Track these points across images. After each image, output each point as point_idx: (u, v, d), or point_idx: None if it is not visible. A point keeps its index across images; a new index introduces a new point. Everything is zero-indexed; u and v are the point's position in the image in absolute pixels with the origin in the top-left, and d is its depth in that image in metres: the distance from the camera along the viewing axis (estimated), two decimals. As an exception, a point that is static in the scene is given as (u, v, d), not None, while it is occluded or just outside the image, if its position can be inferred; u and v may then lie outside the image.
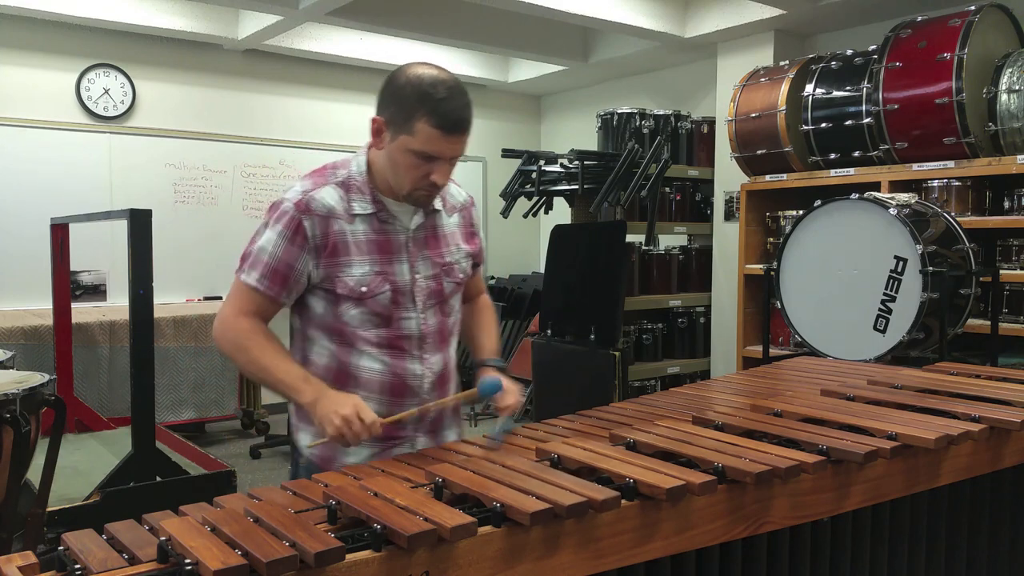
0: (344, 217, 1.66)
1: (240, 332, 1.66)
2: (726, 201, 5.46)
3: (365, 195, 1.69)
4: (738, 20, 5.18)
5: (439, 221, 1.79)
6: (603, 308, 4.34)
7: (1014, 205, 3.76)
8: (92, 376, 5.04)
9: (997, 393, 1.90)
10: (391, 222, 1.71)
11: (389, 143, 1.62)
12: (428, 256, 1.75)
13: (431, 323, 1.75)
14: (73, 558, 1.06)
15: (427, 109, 1.55)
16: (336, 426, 1.53)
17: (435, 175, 1.62)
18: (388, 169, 1.66)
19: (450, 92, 1.57)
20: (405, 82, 1.58)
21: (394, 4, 5.44)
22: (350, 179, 1.70)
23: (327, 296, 1.68)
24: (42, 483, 2.84)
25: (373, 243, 1.68)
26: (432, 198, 1.71)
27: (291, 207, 1.65)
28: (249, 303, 1.67)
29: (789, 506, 1.40)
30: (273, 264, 1.64)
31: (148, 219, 3.35)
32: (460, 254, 1.81)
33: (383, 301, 1.68)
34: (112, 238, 5.62)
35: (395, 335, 1.70)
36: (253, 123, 6.36)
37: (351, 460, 1.69)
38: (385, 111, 1.62)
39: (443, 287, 1.76)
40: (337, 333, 1.70)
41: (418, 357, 1.73)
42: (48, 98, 5.58)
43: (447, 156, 1.61)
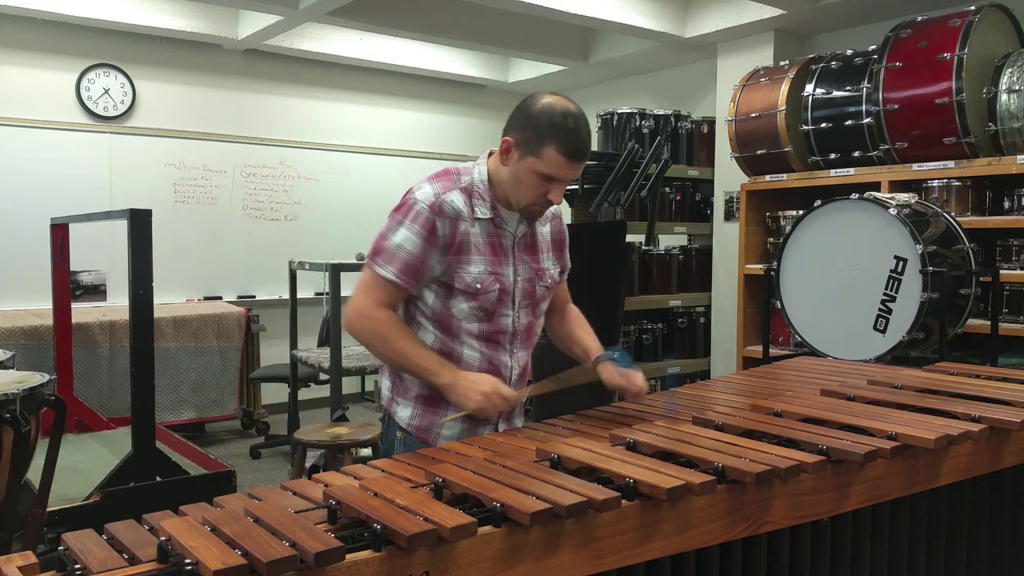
0: (468, 219, 1.84)
1: (380, 322, 1.83)
2: (726, 201, 5.46)
3: (485, 201, 1.87)
4: (738, 20, 5.18)
5: (537, 230, 1.97)
6: (603, 308, 4.34)
7: (1014, 205, 3.77)
8: (92, 376, 5.04)
9: (997, 393, 1.90)
10: (502, 228, 1.89)
11: (516, 162, 1.80)
12: (527, 261, 1.93)
13: (523, 321, 1.95)
14: (73, 558, 1.06)
15: (558, 138, 1.74)
16: (478, 401, 1.76)
17: (552, 195, 1.81)
18: (510, 184, 1.83)
19: (577, 123, 1.76)
20: (540, 111, 1.76)
21: (394, 4, 5.44)
22: (473, 186, 1.87)
23: (441, 289, 1.85)
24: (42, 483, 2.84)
25: (488, 245, 1.87)
26: (543, 213, 1.90)
27: (426, 208, 1.80)
28: (386, 295, 1.84)
29: (789, 506, 1.40)
30: (410, 260, 1.81)
31: (148, 219, 3.35)
32: (550, 261, 2.01)
33: (491, 298, 1.86)
34: (112, 238, 5.62)
35: (494, 329, 1.89)
36: (253, 123, 6.37)
37: (446, 433, 1.89)
38: (517, 133, 1.79)
39: (536, 290, 1.95)
40: (444, 322, 1.87)
41: (509, 351, 1.93)
42: (48, 98, 5.58)
43: (567, 180, 1.81)
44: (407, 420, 1.94)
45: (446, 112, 7.35)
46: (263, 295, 6.40)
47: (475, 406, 1.77)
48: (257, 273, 6.39)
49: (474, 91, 7.46)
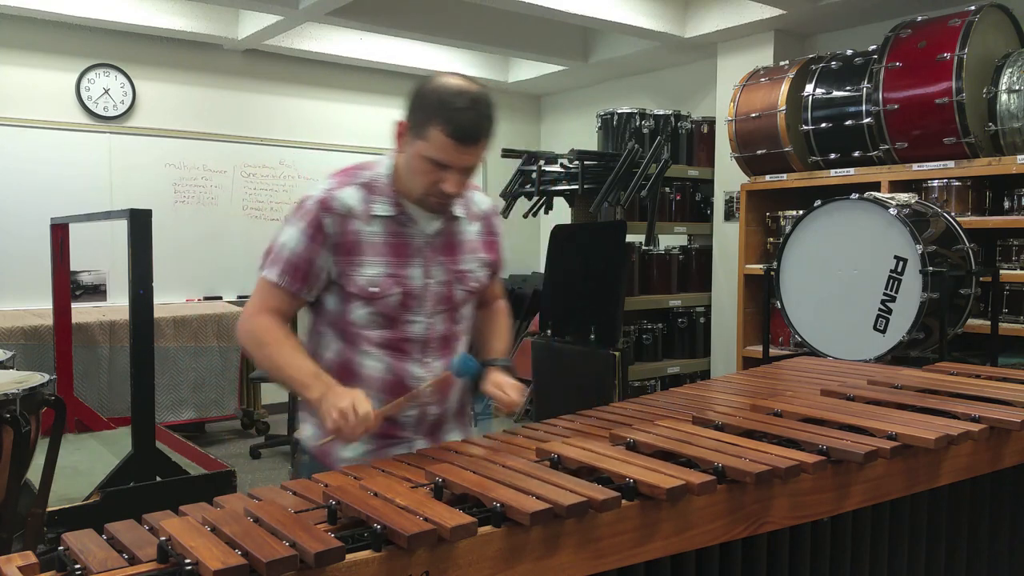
0: (362, 217, 1.69)
1: (258, 328, 1.70)
2: (726, 201, 5.46)
3: (387, 197, 1.72)
4: (738, 20, 5.18)
5: (458, 228, 1.81)
6: (603, 308, 4.34)
7: (1014, 205, 3.76)
8: (92, 376, 5.04)
9: (997, 393, 1.90)
10: (409, 226, 1.73)
11: (408, 147, 1.66)
12: (443, 262, 1.77)
13: (438, 328, 1.77)
14: (73, 558, 1.06)
15: (443, 117, 1.57)
16: (333, 419, 1.55)
17: (446, 184, 1.64)
18: (405, 172, 1.69)
19: (469, 103, 1.59)
20: (431, 89, 1.62)
21: (394, 4, 5.44)
22: (375, 180, 1.73)
23: (339, 294, 1.71)
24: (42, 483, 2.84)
25: (389, 245, 1.71)
26: (445, 206, 1.72)
27: (314, 205, 1.69)
28: (270, 299, 1.71)
29: (789, 506, 1.40)
30: (294, 260, 1.69)
31: (148, 219, 3.35)
32: (476, 263, 1.83)
33: (392, 303, 1.70)
34: (112, 238, 5.62)
35: (399, 337, 1.73)
36: (253, 123, 6.36)
37: (348, 455, 1.72)
38: (409, 115, 1.65)
39: (454, 294, 1.78)
40: (343, 330, 1.73)
41: (419, 360, 1.76)
42: (48, 98, 5.58)
43: (458, 166, 1.62)
44: (309, 441, 1.78)
45: (446, 112, 7.33)
46: (263, 295, 6.39)
47: (332, 427, 1.55)
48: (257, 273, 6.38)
49: (474, 91, 7.45)
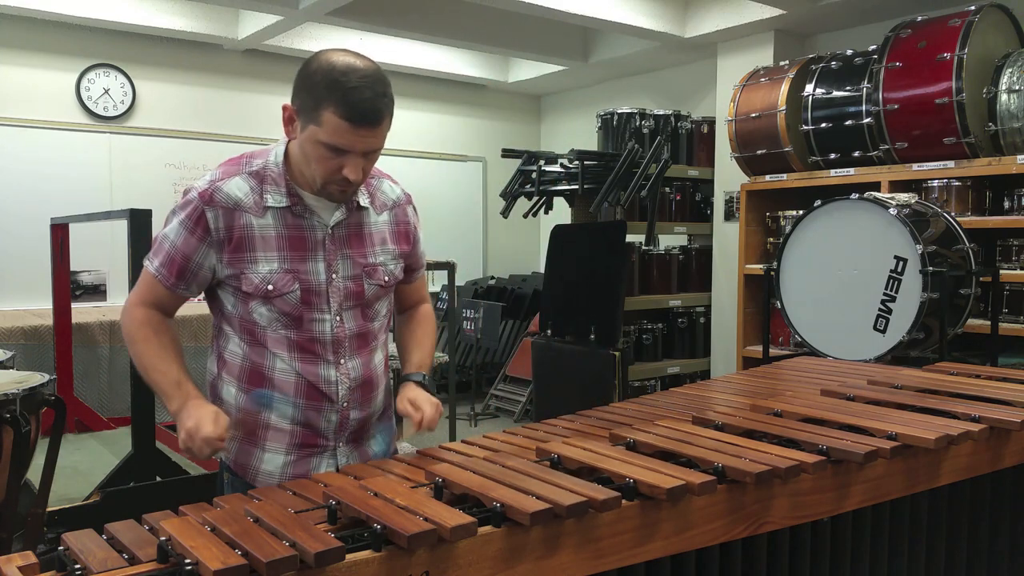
0: (252, 210, 1.56)
1: (133, 321, 1.60)
2: (726, 201, 5.46)
3: (280, 187, 1.58)
4: (738, 20, 5.18)
5: (365, 219, 1.67)
6: (603, 308, 4.34)
7: (1014, 205, 3.76)
8: (92, 376, 5.04)
9: (997, 393, 1.90)
10: (307, 217, 1.60)
11: (300, 133, 1.52)
12: (349, 255, 1.63)
13: (348, 327, 1.64)
14: (73, 558, 1.06)
15: (335, 99, 1.44)
16: (182, 439, 1.48)
17: (347, 169, 1.50)
18: (300, 160, 1.55)
19: (363, 81, 1.45)
20: (316, 68, 1.47)
21: (394, 4, 5.44)
22: (266, 169, 1.59)
23: (235, 293, 1.59)
24: (42, 483, 2.84)
25: (284, 239, 1.57)
26: (347, 194, 1.59)
27: (195, 197, 1.55)
28: (149, 291, 1.61)
29: (789, 506, 1.40)
30: (172, 254, 1.56)
31: (148, 219, 3.36)
32: (387, 255, 1.69)
33: (291, 300, 1.58)
34: (112, 238, 5.62)
35: (306, 338, 1.60)
36: (253, 123, 6.36)
37: (266, 468, 1.63)
38: (296, 98, 1.51)
39: (364, 289, 1.65)
40: (247, 332, 1.61)
41: (333, 362, 1.62)
42: (48, 98, 5.58)
43: (358, 150, 1.49)
44: (226, 456, 1.65)
45: (446, 112, 7.34)
46: (263, 295, 6.39)
47: (182, 446, 1.47)
48: None
49: (474, 91, 7.46)
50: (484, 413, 6.01)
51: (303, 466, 1.62)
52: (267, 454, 1.62)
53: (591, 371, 4.28)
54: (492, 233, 7.37)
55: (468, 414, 5.86)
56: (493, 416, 6.01)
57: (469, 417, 5.84)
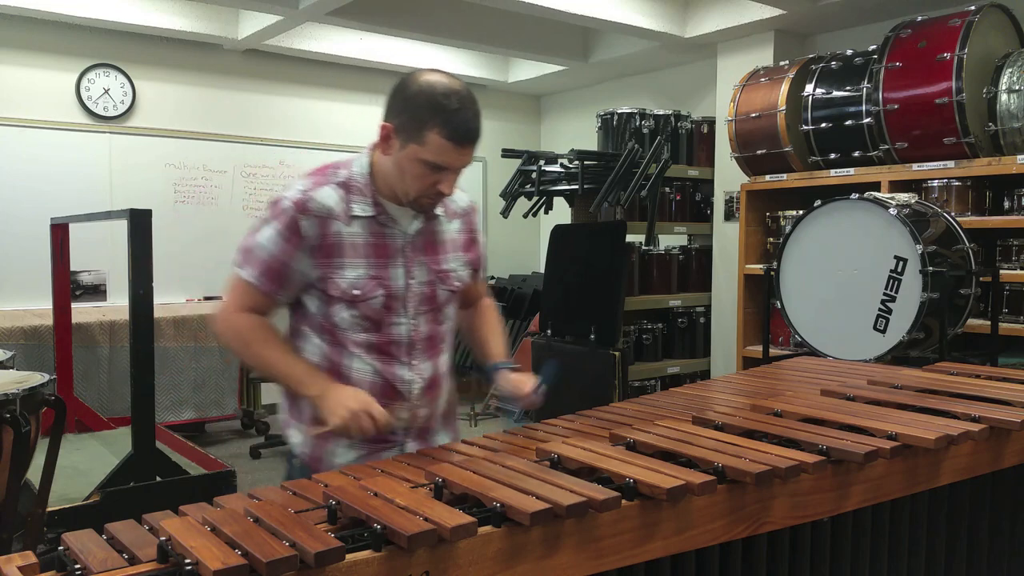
0: (342, 218, 1.65)
1: (242, 327, 1.68)
2: (726, 201, 5.46)
3: (366, 197, 1.68)
4: (738, 20, 5.18)
5: (438, 227, 1.77)
6: (603, 308, 4.34)
7: (1014, 205, 3.76)
8: (92, 376, 5.04)
9: (997, 393, 1.90)
10: (390, 226, 1.69)
11: (398, 151, 1.61)
12: (424, 262, 1.73)
13: (422, 330, 1.74)
14: (73, 558, 1.06)
15: (439, 120, 1.55)
16: (343, 417, 1.56)
17: (442, 185, 1.62)
18: (395, 175, 1.64)
19: (462, 103, 1.58)
20: (417, 90, 1.58)
21: (394, 4, 5.44)
22: (351, 180, 1.68)
23: (321, 296, 1.67)
24: (42, 483, 2.84)
25: (370, 246, 1.67)
26: (436, 206, 1.71)
27: (289, 206, 1.64)
28: (247, 298, 1.68)
29: (789, 506, 1.40)
30: (269, 262, 1.65)
31: (148, 219, 3.35)
32: (458, 262, 1.80)
33: (375, 305, 1.67)
34: (112, 238, 5.62)
35: (385, 340, 1.70)
36: (253, 123, 6.36)
37: (339, 461, 1.70)
38: (395, 118, 1.61)
39: (437, 294, 1.75)
40: (328, 333, 1.70)
41: (407, 363, 1.73)
42: (48, 98, 5.58)
43: (456, 167, 1.62)
44: (299, 446, 1.76)
45: (446, 112, 7.34)
46: (263, 295, 6.39)
47: (339, 422, 1.57)
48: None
49: (474, 91, 7.42)
50: (484, 413, 6.01)
51: (372, 460, 1.66)
52: (340, 448, 1.71)
53: (591, 371, 4.28)
54: (492, 233, 7.36)
55: (468, 414, 5.86)
56: (493, 416, 6.01)
57: (469, 417, 5.84)
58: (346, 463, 1.69)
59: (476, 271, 1.90)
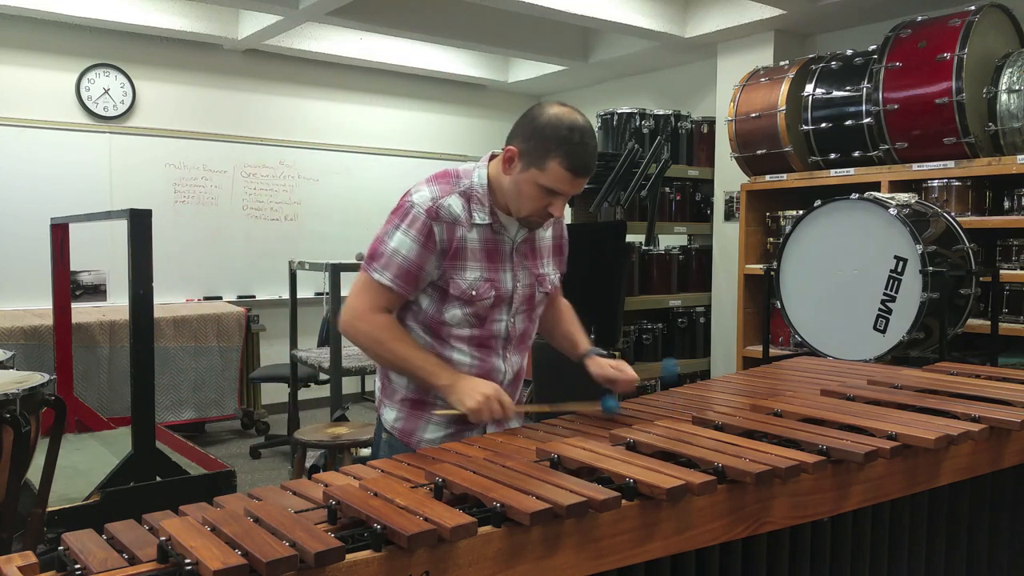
0: (465, 225, 1.81)
1: (377, 326, 1.81)
2: (726, 201, 5.46)
3: (484, 207, 1.83)
4: (738, 20, 5.18)
5: (537, 235, 1.95)
6: (603, 308, 4.34)
7: (1014, 205, 3.76)
8: (92, 376, 5.04)
9: (997, 393, 1.90)
10: (502, 233, 1.86)
11: (519, 172, 1.76)
12: (527, 267, 1.91)
13: (519, 327, 1.93)
14: (73, 558, 1.06)
15: (563, 152, 1.70)
16: (477, 401, 1.72)
17: (553, 208, 1.78)
18: (511, 193, 1.79)
19: (584, 138, 1.72)
20: (546, 122, 1.72)
21: (394, 4, 5.44)
22: (472, 190, 1.84)
23: (436, 294, 1.83)
24: (42, 483, 2.84)
25: (485, 251, 1.84)
26: (542, 224, 1.87)
27: (423, 213, 1.78)
28: (382, 299, 1.82)
29: (789, 506, 1.40)
30: (406, 266, 1.79)
31: (148, 219, 3.35)
32: (550, 267, 1.98)
33: (487, 304, 1.84)
34: (112, 238, 5.62)
35: (486, 334, 1.87)
36: (253, 123, 6.36)
37: (429, 437, 1.88)
38: (522, 143, 1.76)
39: (535, 295, 1.94)
40: (434, 327, 1.86)
41: (502, 355, 1.91)
42: (48, 98, 5.58)
43: (570, 194, 1.77)
44: (391, 422, 1.93)
45: (446, 112, 7.35)
46: (263, 295, 6.40)
47: (474, 406, 1.73)
48: (257, 273, 6.39)
49: (474, 91, 7.46)
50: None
51: (457, 438, 1.83)
52: (431, 425, 1.89)
53: (591, 371, 4.27)
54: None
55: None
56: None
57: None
58: (436, 439, 1.87)
59: (561, 274, 2.08)
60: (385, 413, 1.95)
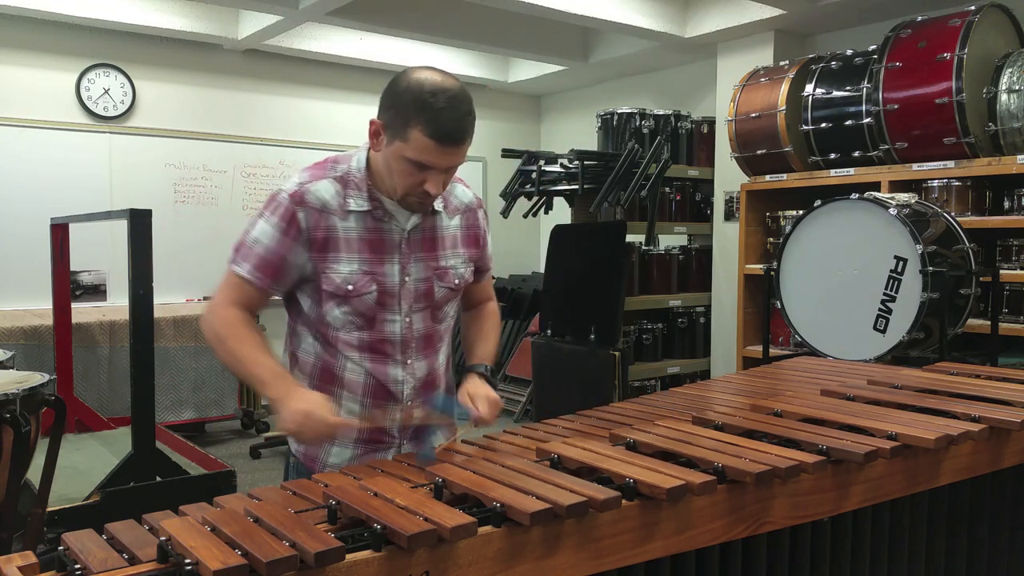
0: (338, 212, 1.63)
1: (223, 322, 1.63)
2: (726, 201, 5.46)
3: (362, 192, 1.65)
4: (738, 20, 5.18)
5: (438, 223, 1.74)
6: (603, 308, 4.34)
7: (1014, 205, 3.76)
8: (92, 376, 5.04)
9: (997, 393, 1.90)
10: (386, 221, 1.66)
11: (385, 147, 1.58)
12: (422, 258, 1.70)
13: (417, 328, 1.71)
14: (73, 558, 1.06)
15: (424, 118, 1.50)
16: (296, 423, 1.49)
17: (428, 184, 1.58)
18: (383, 172, 1.62)
19: (449, 102, 1.52)
20: (406, 87, 1.54)
21: (394, 4, 5.44)
22: (349, 174, 1.66)
23: (313, 294, 1.66)
24: (42, 483, 2.84)
25: (364, 241, 1.64)
26: (426, 205, 1.66)
27: (286, 198, 1.62)
28: (238, 294, 1.65)
29: (789, 506, 1.40)
30: (266, 255, 1.62)
31: (148, 219, 3.35)
32: (458, 259, 1.76)
33: (368, 301, 1.64)
34: (112, 238, 5.62)
35: (377, 338, 1.67)
36: (253, 123, 6.36)
37: (333, 461, 1.70)
38: (384, 114, 1.58)
39: (434, 291, 1.72)
40: (321, 333, 1.68)
41: (401, 362, 1.70)
42: (48, 98, 5.58)
43: (441, 167, 1.57)
44: (295, 446, 1.76)
45: (446, 112, 7.33)
46: (263, 295, 6.39)
47: (289, 428, 1.50)
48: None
49: (474, 91, 7.40)
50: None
51: (367, 460, 1.66)
52: (335, 447, 1.71)
53: (591, 371, 4.28)
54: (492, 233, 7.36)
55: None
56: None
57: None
58: (341, 463, 1.68)
59: (481, 271, 1.87)
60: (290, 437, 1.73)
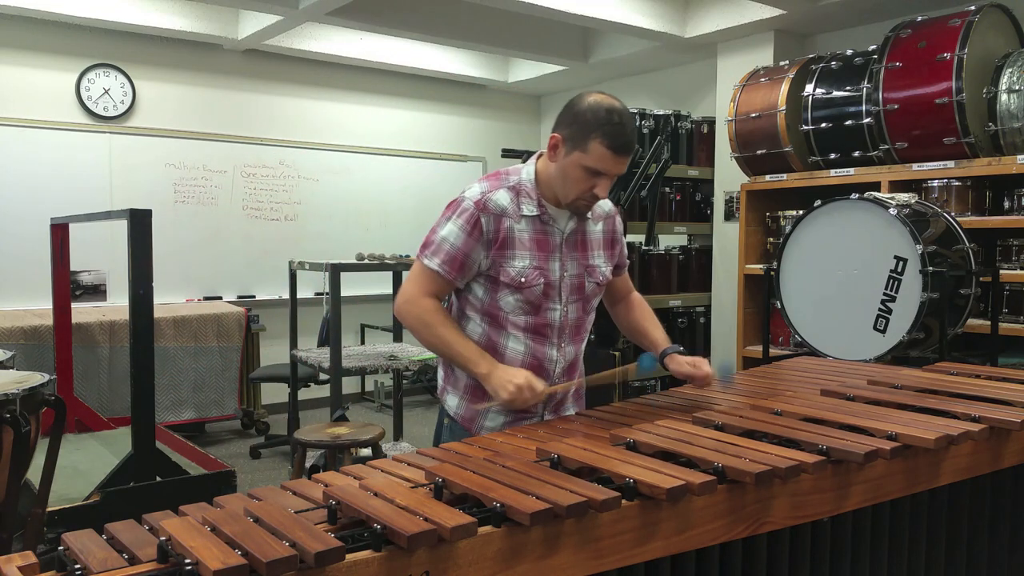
0: (513, 216, 1.92)
1: (425, 309, 1.93)
2: (726, 201, 5.46)
3: (532, 199, 1.94)
4: (738, 20, 5.18)
5: (587, 228, 2.03)
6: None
7: (1014, 205, 3.76)
8: (92, 376, 5.04)
9: (997, 393, 1.90)
10: (550, 224, 1.96)
11: (563, 157, 1.87)
12: (576, 257, 2.00)
13: (571, 316, 2.01)
14: (73, 558, 1.06)
15: (603, 131, 1.81)
16: (511, 392, 1.81)
17: (598, 188, 1.87)
18: (557, 179, 1.90)
19: (622, 119, 1.83)
20: (587, 107, 1.84)
21: (394, 4, 5.44)
22: (520, 184, 1.95)
23: (488, 283, 1.94)
24: (42, 483, 2.84)
25: (534, 241, 1.94)
26: (590, 208, 1.96)
27: (471, 205, 1.90)
28: (431, 284, 1.94)
29: (789, 506, 1.40)
30: (452, 252, 1.90)
31: (148, 219, 3.35)
32: (601, 259, 2.06)
33: (536, 292, 1.93)
34: (112, 238, 5.62)
35: (541, 323, 1.96)
36: (253, 123, 6.36)
37: (489, 424, 1.98)
38: (564, 129, 1.87)
39: (585, 285, 2.01)
40: (491, 316, 1.96)
41: (556, 344, 1.99)
42: (48, 98, 5.58)
43: (612, 173, 1.86)
44: (454, 409, 2.04)
45: (446, 112, 7.35)
46: (263, 295, 6.40)
47: (507, 397, 1.81)
48: (257, 273, 6.39)
49: (474, 91, 7.46)
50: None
51: (516, 426, 1.92)
52: (491, 413, 2.00)
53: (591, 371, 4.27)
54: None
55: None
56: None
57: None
58: (496, 427, 1.97)
59: (620, 266, 2.16)
60: (448, 400, 2.05)
